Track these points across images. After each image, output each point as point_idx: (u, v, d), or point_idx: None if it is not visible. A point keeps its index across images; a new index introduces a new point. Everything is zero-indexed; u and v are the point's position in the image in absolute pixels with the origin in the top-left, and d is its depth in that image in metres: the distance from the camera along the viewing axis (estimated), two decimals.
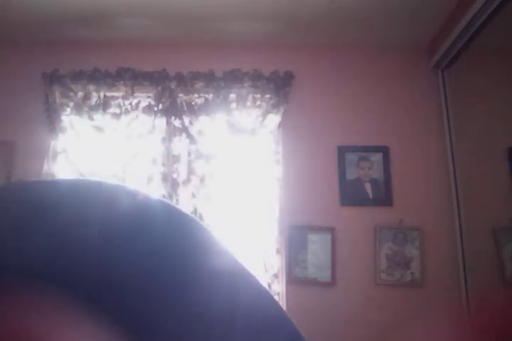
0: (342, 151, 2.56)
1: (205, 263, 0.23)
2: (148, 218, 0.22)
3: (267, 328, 0.23)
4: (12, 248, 0.21)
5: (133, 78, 2.59)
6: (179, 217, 0.23)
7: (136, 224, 0.22)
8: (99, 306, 0.22)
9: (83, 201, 0.22)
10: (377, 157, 2.56)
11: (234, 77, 2.59)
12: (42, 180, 0.22)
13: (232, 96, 2.60)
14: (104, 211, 0.22)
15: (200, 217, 2.44)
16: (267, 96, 2.59)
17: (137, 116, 2.58)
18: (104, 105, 2.58)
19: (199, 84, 2.60)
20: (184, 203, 2.47)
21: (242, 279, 0.23)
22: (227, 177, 2.51)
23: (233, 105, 2.59)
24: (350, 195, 2.51)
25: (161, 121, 2.58)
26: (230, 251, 0.23)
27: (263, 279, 2.39)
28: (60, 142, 2.57)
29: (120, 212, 0.22)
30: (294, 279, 2.38)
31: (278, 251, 2.44)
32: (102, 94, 2.60)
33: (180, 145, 2.55)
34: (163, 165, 2.50)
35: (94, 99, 2.60)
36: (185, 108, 2.58)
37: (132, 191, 0.23)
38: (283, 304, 2.37)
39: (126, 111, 2.58)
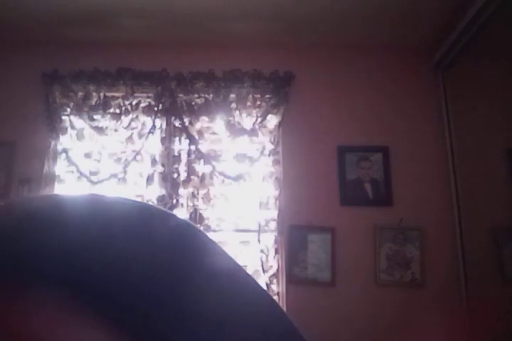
0: (342, 151, 2.56)
1: (204, 264, 0.24)
2: (155, 226, 0.24)
3: (265, 327, 0.23)
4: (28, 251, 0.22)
5: (133, 78, 2.59)
6: (184, 225, 0.25)
7: (140, 235, 0.24)
8: (100, 307, 0.22)
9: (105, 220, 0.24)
10: (377, 157, 2.56)
11: (234, 77, 2.59)
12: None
13: (232, 96, 2.60)
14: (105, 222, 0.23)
15: (200, 217, 2.44)
16: (267, 96, 2.59)
17: (137, 116, 2.58)
18: (104, 105, 2.58)
19: (199, 84, 2.60)
20: (184, 203, 2.47)
21: (240, 279, 0.24)
22: (227, 177, 2.51)
23: (233, 105, 2.58)
24: (350, 195, 2.51)
25: (161, 121, 2.58)
26: (227, 253, 0.25)
27: (263, 279, 2.39)
28: (61, 142, 2.57)
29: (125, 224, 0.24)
30: (294, 279, 2.38)
31: (278, 251, 2.44)
32: (102, 94, 2.60)
33: (180, 145, 2.56)
34: (163, 165, 2.50)
35: (94, 99, 2.60)
36: (185, 108, 2.58)
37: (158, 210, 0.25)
38: (283, 304, 2.37)
39: (126, 112, 2.58)
